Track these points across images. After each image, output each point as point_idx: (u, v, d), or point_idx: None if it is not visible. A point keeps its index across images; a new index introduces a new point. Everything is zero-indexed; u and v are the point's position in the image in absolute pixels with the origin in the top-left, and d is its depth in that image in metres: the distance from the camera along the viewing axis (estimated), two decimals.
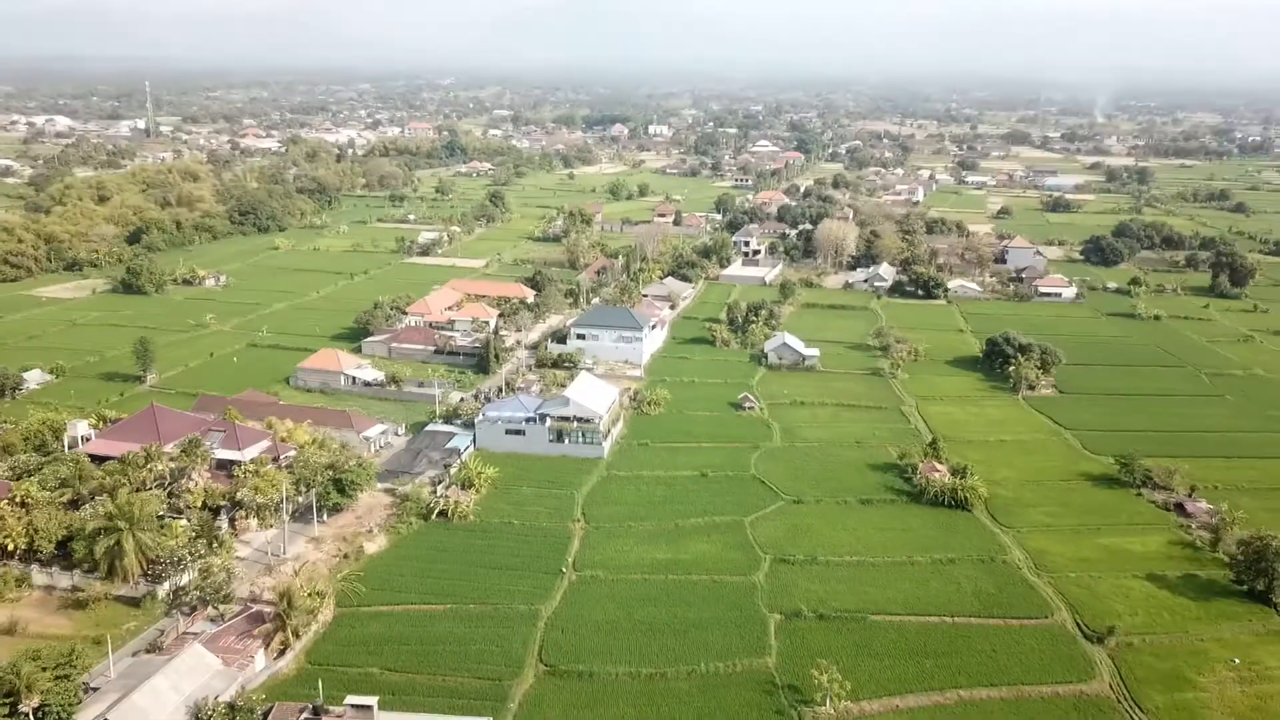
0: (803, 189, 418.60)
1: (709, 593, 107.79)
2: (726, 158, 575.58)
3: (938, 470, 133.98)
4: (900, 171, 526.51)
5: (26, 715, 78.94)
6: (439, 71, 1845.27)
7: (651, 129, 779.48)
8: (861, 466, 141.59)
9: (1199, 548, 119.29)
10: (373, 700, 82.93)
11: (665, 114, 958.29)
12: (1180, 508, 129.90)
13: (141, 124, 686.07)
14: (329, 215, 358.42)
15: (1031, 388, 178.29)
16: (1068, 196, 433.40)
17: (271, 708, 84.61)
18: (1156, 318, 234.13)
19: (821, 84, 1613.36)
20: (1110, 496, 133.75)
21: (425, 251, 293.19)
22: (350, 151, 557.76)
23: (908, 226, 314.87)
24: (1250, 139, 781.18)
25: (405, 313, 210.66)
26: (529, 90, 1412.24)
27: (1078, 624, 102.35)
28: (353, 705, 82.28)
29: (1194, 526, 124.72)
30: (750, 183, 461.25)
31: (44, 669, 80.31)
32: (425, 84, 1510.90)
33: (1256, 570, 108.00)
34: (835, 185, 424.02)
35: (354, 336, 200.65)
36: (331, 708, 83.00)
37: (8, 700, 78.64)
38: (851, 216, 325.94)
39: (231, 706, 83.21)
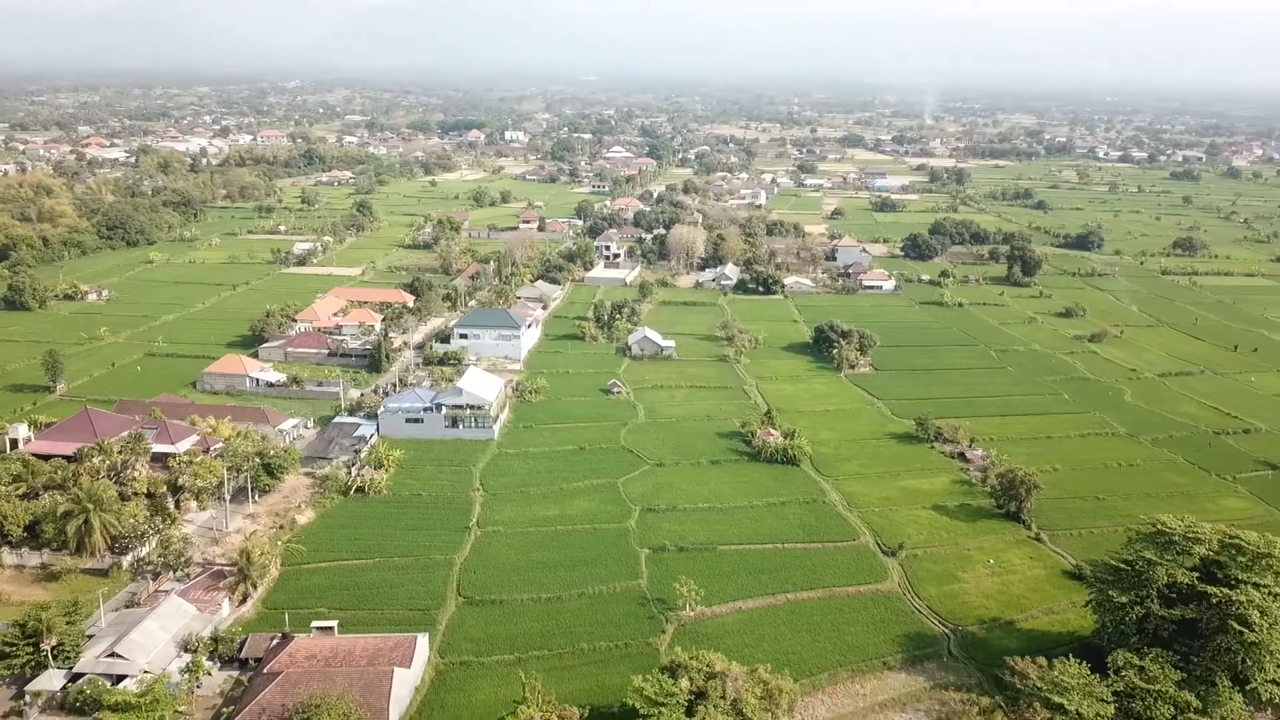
0: (656, 195, 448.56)
1: (591, 537, 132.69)
2: (583, 163, 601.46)
3: (772, 434, 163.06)
4: (745, 176, 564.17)
5: (46, 652, 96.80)
6: (282, 74, 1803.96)
7: (508, 134, 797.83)
8: (711, 435, 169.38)
9: (973, 484, 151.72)
10: (333, 623, 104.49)
11: (519, 118, 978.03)
12: (962, 455, 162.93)
13: None
14: (197, 228, 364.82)
15: (852, 367, 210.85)
16: (894, 197, 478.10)
17: (246, 638, 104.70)
18: (960, 305, 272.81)
19: (670, 86, 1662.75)
20: (909, 450, 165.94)
21: (302, 261, 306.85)
22: (204, 161, 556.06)
23: (750, 229, 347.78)
24: (1057, 140, 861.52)
25: (295, 320, 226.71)
26: (379, 94, 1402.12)
27: (877, 544, 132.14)
28: (318, 628, 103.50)
29: (971, 469, 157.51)
30: (607, 189, 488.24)
31: (56, 616, 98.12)
32: (270, 87, 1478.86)
33: (1009, 496, 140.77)
34: (685, 191, 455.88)
35: (248, 343, 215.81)
36: (297, 634, 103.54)
37: (30, 640, 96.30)
38: (700, 221, 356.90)
39: (214, 639, 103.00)
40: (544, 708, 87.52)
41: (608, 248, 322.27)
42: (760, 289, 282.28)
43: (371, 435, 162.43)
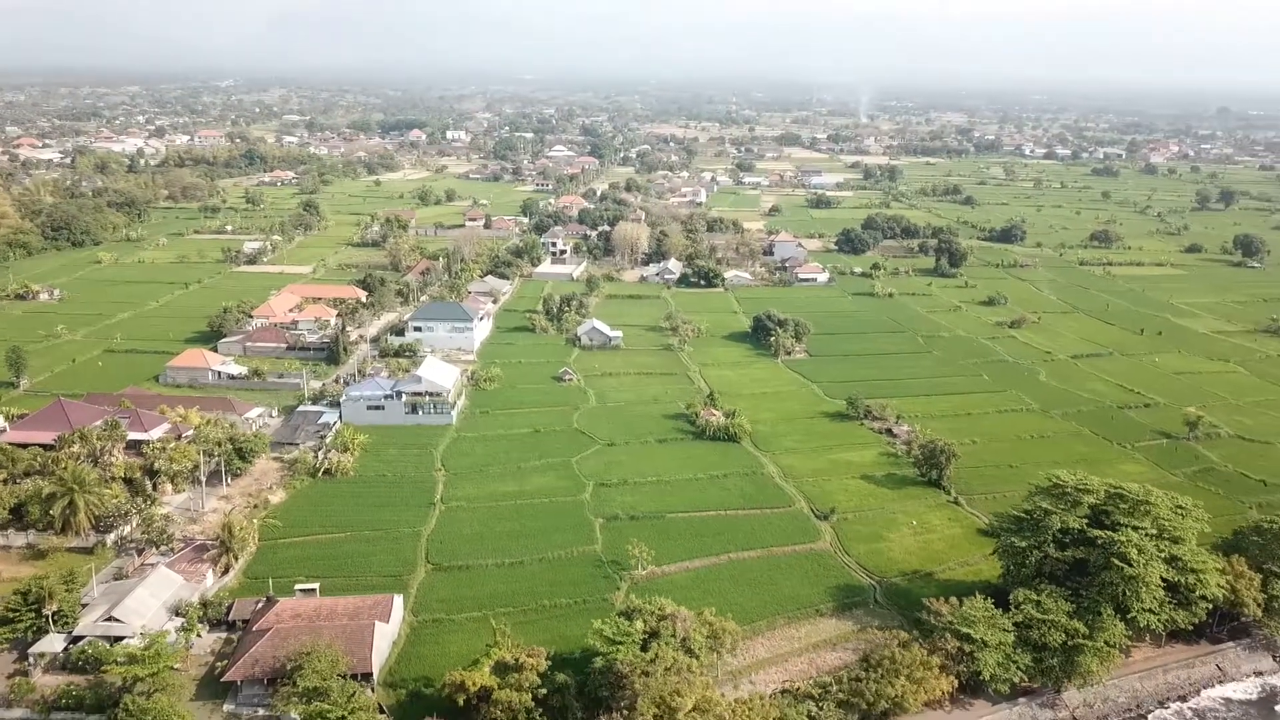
0: (599, 193, 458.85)
1: (549, 509, 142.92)
2: (525, 162, 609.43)
3: (715, 415, 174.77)
4: (686, 174, 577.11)
5: (48, 617, 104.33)
6: (215, 73, 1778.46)
7: (449, 134, 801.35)
8: (658, 417, 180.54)
9: (899, 456, 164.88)
10: (315, 585, 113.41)
11: (460, 117, 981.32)
12: (889, 431, 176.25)
13: None
14: (143, 228, 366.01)
15: (789, 353, 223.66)
16: (829, 194, 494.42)
17: (233, 603, 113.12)
18: (890, 295, 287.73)
19: (609, 85, 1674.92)
20: (840, 427, 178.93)
21: (252, 260, 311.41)
22: (142, 162, 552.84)
23: (691, 226, 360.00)
24: (986, 138, 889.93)
25: (251, 316, 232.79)
26: (316, 93, 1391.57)
27: (811, 509, 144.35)
28: (301, 590, 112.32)
29: (897, 443, 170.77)
30: (551, 187, 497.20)
31: (56, 584, 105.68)
32: (203, 86, 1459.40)
33: (931, 465, 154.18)
34: (628, 189, 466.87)
35: (206, 339, 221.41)
36: (281, 597, 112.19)
37: (32, 607, 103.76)
38: (643, 218, 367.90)
39: (203, 604, 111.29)
40: (514, 650, 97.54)
41: (554, 244, 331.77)
42: (702, 282, 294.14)
43: (335, 422, 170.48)
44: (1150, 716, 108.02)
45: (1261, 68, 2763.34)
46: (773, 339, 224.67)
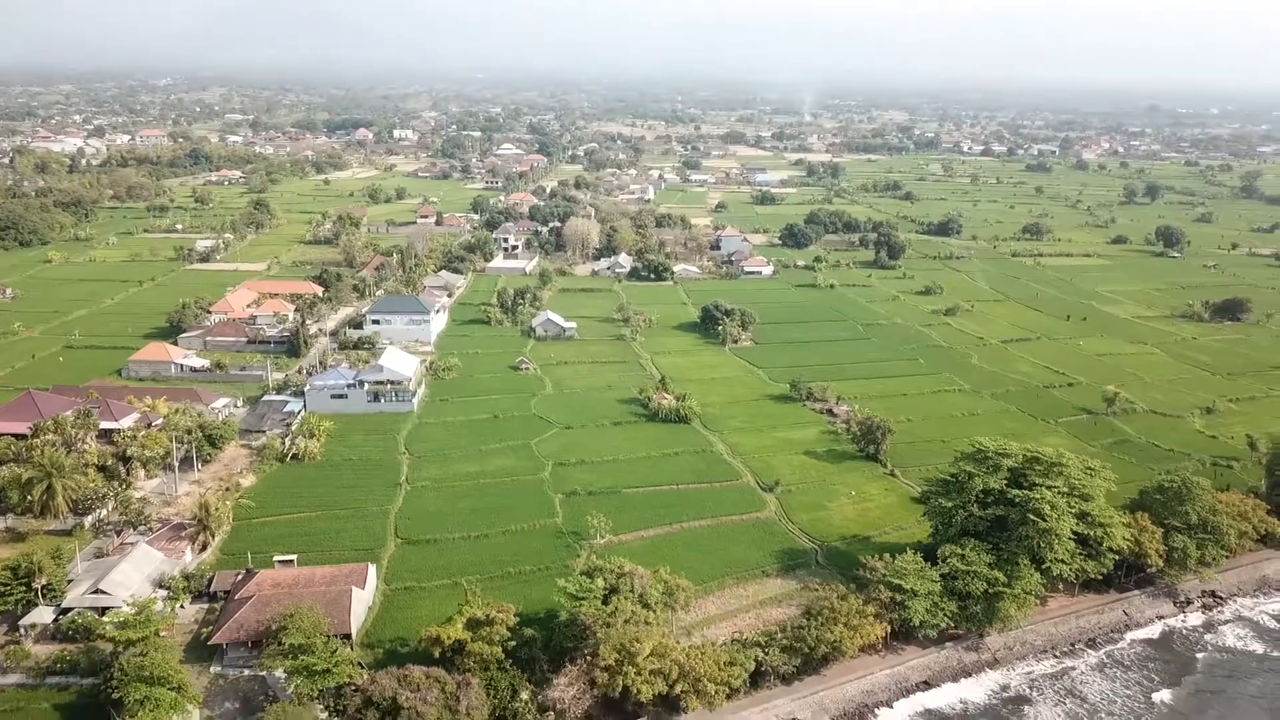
0: (549, 190, 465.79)
1: (510, 487, 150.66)
2: (474, 160, 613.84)
3: (666, 398, 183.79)
4: (633, 172, 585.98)
5: (37, 591, 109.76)
6: (152, 71, 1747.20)
7: (396, 133, 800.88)
8: (613, 402, 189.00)
9: (839, 434, 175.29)
10: (293, 557, 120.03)
11: (406, 116, 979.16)
12: (830, 411, 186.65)
13: None
14: (91, 228, 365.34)
15: (735, 341, 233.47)
16: (774, 191, 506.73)
17: (214, 575, 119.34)
18: (832, 286, 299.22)
19: (555, 84, 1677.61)
20: (784, 408, 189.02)
21: (205, 258, 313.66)
22: (83, 162, 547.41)
23: (640, 222, 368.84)
24: (926, 135, 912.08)
25: (209, 312, 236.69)
26: (257, 92, 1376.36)
27: (757, 482, 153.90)
28: (280, 561, 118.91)
29: (838, 422, 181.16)
30: (500, 185, 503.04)
31: (45, 558, 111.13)
32: (140, 85, 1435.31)
33: (868, 440, 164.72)
34: (577, 186, 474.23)
35: (165, 334, 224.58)
36: (259, 569, 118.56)
37: (22, 580, 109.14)
38: (593, 214, 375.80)
39: (186, 577, 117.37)
40: (484, 607, 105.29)
41: (506, 240, 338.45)
42: (652, 276, 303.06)
43: (300, 411, 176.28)
44: (1063, 655, 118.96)
45: (1192, 68, 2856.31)
46: (720, 328, 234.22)
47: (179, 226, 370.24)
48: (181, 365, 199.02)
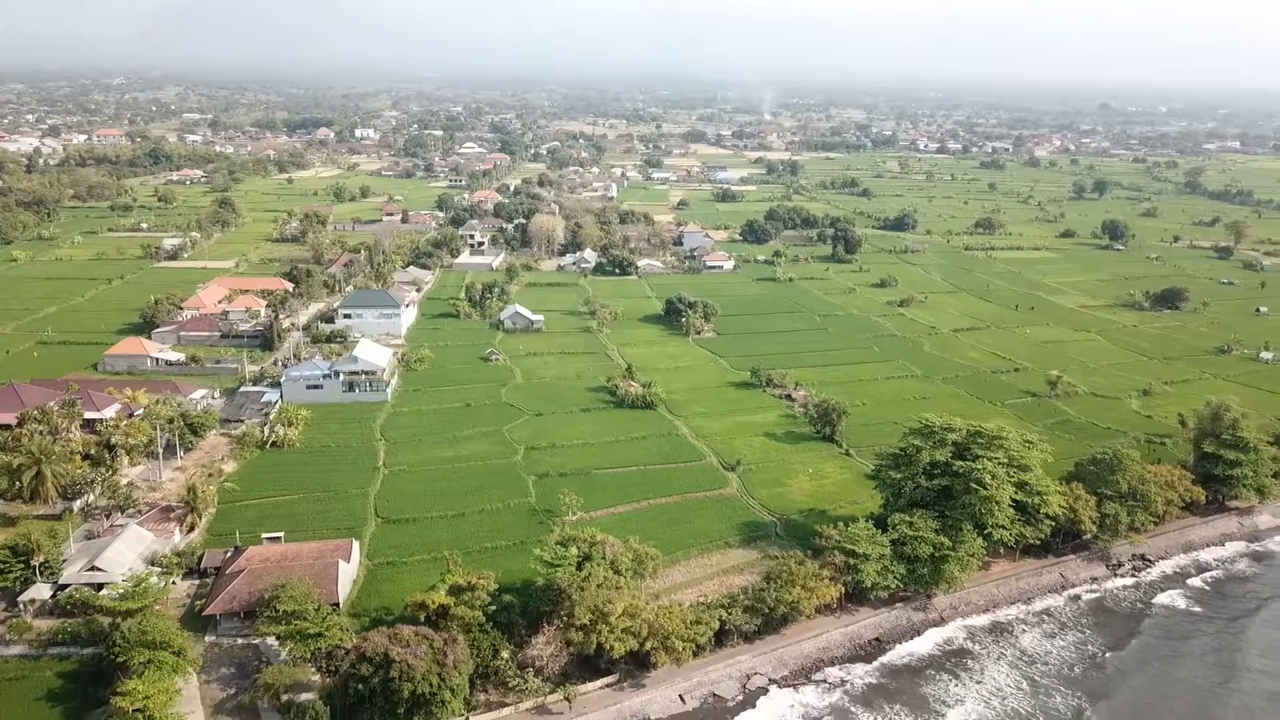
0: (513, 188, 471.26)
1: (484, 470, 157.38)
2: (437, 159, 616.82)
3: (633, 385, 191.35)
4: (596, 170, 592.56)
5: (35, 568, 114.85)
6: (104, 70, 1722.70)
7: (358, 132, 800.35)
8: (581, 390, 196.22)
9: (797, 417, 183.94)
10: (280, 534, 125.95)
11: (367, 116, 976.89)
12: (789, 396, 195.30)
13: None
14: (55, 227, 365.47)
15: (698, 332, 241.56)
16: (734, 188, 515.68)
17: (203, 553, 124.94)
18: (791, 280, 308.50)
19: (516, 83, 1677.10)
20: (745, 394, 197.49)
21: (173, 256, 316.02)
22: (40, 161, 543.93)
23: (605, 219, 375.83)
24: (883, 133, 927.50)
25: (181, 308, 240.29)
26: (214, 91, 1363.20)
27: (720, 462, 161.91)
28: (267, 538, 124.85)
29: (796, 406, 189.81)
30: (464, 183, 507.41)
31: (43, 537, 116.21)
32: (93, 84, 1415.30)
33: (825, 422, 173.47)
34: (541, 184, 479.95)
35: (139, 330, 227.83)
36: (248, 546, 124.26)
37: (21, 558, 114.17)
38: (558, 211, 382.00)
39: (178, 554, 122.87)
40: (466, 575, 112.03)
41: (472, 236, 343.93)
42: (616, 271, 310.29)
43: (276, 401, 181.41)
44: (1004, 614, 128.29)
45: (1143, 68, 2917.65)
46: (684, 320, 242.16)
47: (144, 225, 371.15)
48: (157, 359, 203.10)
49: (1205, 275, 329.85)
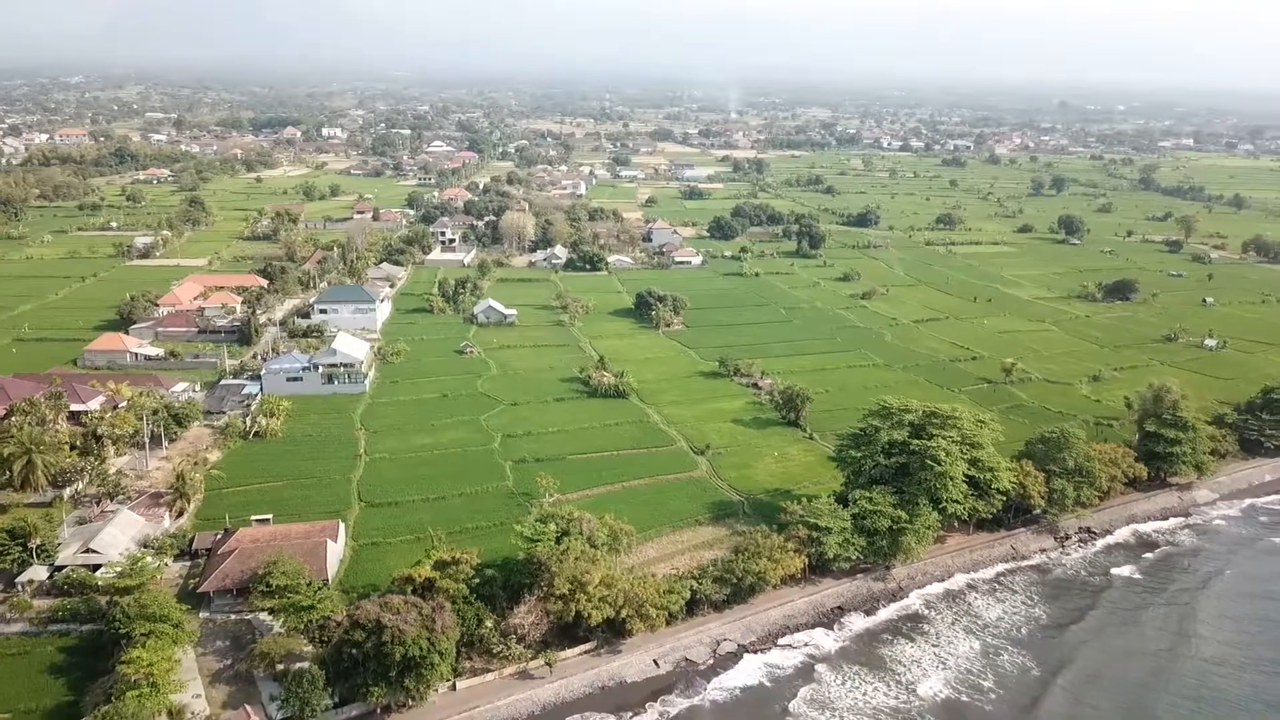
0: (482, 186, 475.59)
1: (463, 457, 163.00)
2: (405, 158, 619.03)
3: (605, 376, 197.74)
4: (564, 168, 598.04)
5: (31, 550, 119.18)
6: (63, 68, 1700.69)
7: (325, 131, 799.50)
8: (555, 381, 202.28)
9: (763, 404, 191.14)
10: (269, 516, 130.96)
11: (334, 115, 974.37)
12: (755, 385, 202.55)
13: None
14: (24, 226, 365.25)
15: (668, 325, 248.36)
16: (701, 186, 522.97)
17: (194, 536, 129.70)
18: (757, 274, 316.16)
19: (482, 82, 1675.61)
20: (714, 383, 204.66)
21: (145, 255, 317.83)
22: (3, 161, 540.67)
23: (574, 215, 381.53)
24: (847, 132, 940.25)
25: (157, 304, 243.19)
26: (176, 90, 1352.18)
27: (690, 447, 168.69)
28: (257, 520, 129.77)
29: (762, 393, 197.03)
30: (434, 181, 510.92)
31: (39, 520, 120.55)
32: (52, 83, 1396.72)
33: (790, 408, 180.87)
34: (510, 182, 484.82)
35: (116, 326, 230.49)
36: (237, 528, 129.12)
37: (19, 541, 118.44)
38: (528, 209, 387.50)
39: (172, 536, 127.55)
40: (450, 551, 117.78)
41: (443, 233, 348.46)
42: (587, 266, 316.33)
43: (257, 393, 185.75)
44: (959, 583, 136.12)
45: (1104, 67, 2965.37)
46: (654, 313, 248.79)
47: (114, 224, 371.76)
48: (136, 354, 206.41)
49: (1156, 268, 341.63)
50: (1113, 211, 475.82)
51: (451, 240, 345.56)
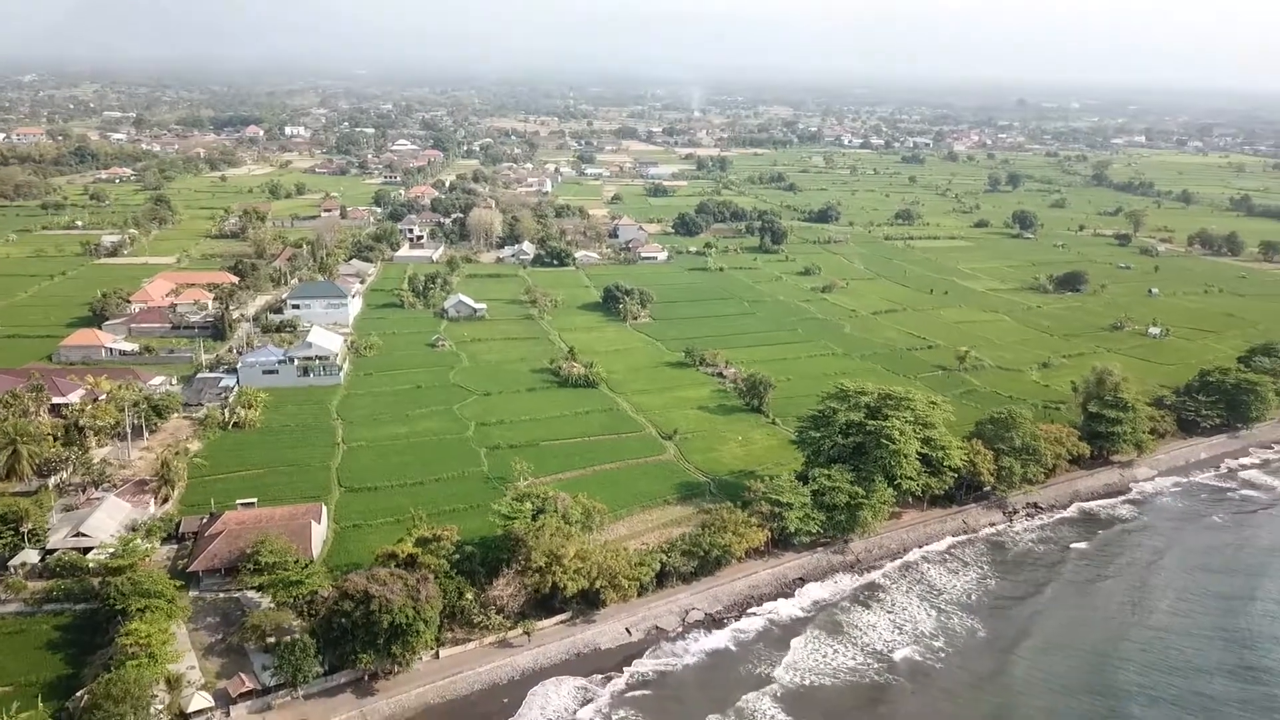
0: (448, 183, 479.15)
1: (438, 445, 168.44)
2: (370, 156, 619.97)
3: (575, 366, 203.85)
4: (530, 166, 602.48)
5: (24, 535, 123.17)
6: (13, 66, 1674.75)
7: (288, 129, 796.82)
8: (526, 372, 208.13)
9: (728, 392, 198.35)
10: (254, 500, 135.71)
11: (296, 113, 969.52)
12: (720, 374, 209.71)
13: None
14: None
15: (635, 318, 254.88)
16: (665, 183, 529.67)
17: (181, 520, 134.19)
18: (721, 269, 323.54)
19: (444, 80, 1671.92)
20: (680, 372, 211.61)
21: (113, 253, 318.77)
22: None
23: (541, 212, 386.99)
24: (809, 130, 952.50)
25: (129, 301, 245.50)
26: (133, 89, 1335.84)
27: (658, 432, 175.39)
28: (241, 503, 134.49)
29: (727, 382, 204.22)
30: (399, 179, 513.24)
31: (31, 505, 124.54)
32: (3, 81, 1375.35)
33: (753, 394, 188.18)
34: (476, 180, 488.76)
35: (88, 323, 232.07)
36: (223, 512, 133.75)
37: (11, 524, 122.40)
38: (495, 206, 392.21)
39: (159, 521, 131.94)
40: (431, 529, 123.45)
41: (411, 230, 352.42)
42: (554, 262, 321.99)
43: (234, 386, 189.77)
44: (914, 556, 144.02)
45: (1061, 66, 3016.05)
46: (621, 307, 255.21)
47: (79, 223, 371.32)
48: (111, 349, 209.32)
49: (1105, 260, 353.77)
50: (1066, 207, 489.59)
51: (420, 237, 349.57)
